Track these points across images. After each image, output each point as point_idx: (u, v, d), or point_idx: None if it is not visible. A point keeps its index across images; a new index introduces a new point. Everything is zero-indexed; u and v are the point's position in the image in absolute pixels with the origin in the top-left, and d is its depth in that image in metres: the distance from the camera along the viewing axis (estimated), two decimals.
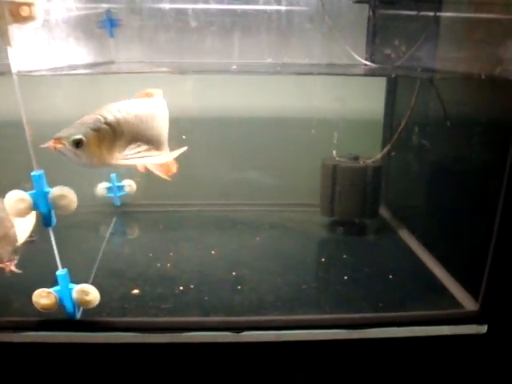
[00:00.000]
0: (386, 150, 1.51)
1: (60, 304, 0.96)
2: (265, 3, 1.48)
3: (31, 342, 0.98)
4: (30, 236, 1.37)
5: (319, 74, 1.35)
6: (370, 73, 1.44)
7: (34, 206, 0.90)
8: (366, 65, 1.47)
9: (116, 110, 0.92)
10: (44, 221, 0.91)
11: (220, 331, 1.01)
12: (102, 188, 1.59)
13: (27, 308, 0.96)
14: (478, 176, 1.16)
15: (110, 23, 1.49)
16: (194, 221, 1.60)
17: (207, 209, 1.68)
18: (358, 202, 1.48)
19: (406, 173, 1.56)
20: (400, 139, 1.51)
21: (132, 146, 0.94)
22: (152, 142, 0.98)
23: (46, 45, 1.09)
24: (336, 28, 1.47)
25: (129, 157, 0.93)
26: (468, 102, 1.22)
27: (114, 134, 0.91)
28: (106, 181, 1.60)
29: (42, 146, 0.84)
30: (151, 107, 1.01)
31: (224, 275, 1.22)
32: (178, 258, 1.31)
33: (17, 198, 0.89)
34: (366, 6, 1.60)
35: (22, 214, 0.89)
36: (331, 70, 1.47)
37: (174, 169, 1.07)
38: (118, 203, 1.62)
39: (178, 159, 1.05)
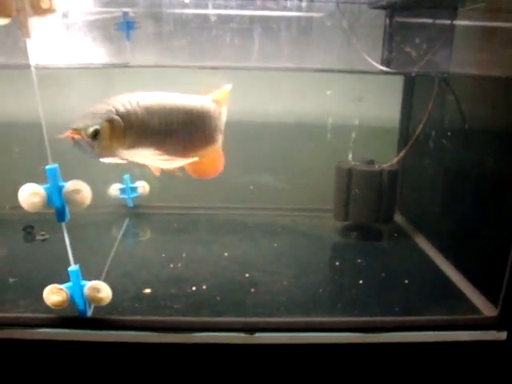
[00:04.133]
0: (402, 153, 1.49)
1: (71, 301, 0.95)
2: (283, 9, 1.48)
3: (41, 340, 0.97)
4: (43, 234, 1.38)
5: (336, 71, 1.33)
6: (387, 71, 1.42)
7: (48, 200, 0.89)
8: (381, 70, 1.46)
9: (126, 101, 0.89)
10: (57, 215, 0.91)
11: (233, 332, 0.99)
12: (115, 189, 1.59)
13: (38, 305, 0.96)
14: (495, 180, 1.14)
15: (126, 26, 1.50)
16: (207, 223, 1.59)
17: (220, 212, 1.67)
18: (373, 206, 1.45)
19: (422, 178, 1.54)
20: (416, 144, 1.49)
21: (143, 140, 0.91)
22: (169, 139, 0.95)
23: (64, 43, 1.09)
24: (353, 34, 1.46)
25: (136, 155, 0.91)
26: (485, 106, 1.21)
27: (123, 126, 0.88)
28: (120, 182, 1.59)
29: (59, 136, 0.83)
30: (177, 102, 0.96)
31: (237, 277, 1.20)
32: (191, 259, 1.29)
33: (31, 191, 0.88)
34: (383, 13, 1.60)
35: (36, 207, 0.89)
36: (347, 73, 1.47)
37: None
38: (131, 204, 1.61)
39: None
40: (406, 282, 1.20)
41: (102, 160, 0.91)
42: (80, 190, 0.90)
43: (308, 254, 1.37)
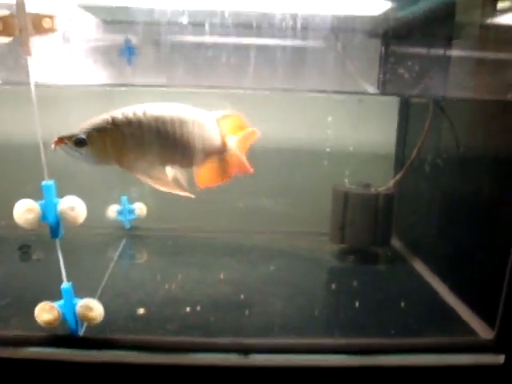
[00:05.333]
0: (398, 177, 1.50)
1: (63, 319, 0.94)
2: (280, 36, 1.51)
3: (31, 359, 0.95)
4: (37, 255, 1.38)
5: (332, 92, 1.35)
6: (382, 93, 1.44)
7: (43, 217, 0.89)
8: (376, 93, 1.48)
9: (130, 112, 0.91)
10: (51, 232, 0.91)
11: (227, 353, 0.98)
12: (112, 210, 1.59)
13: (29, 324, 0.95)
14: (491, 204, 1.14)
15: (128, 51, 1.53)
16: (204, 246, 1.58)
17: (217, 235, 1.66)
18: (369, 229, 1.45)
19: (418, 202, 1.54)
20: (412, 168, 1.50)
21: (147, 149, 0.92)
22: (178, 152, 0.95)
23: (65, 63, 1.11)
24: (349, 60, 1.49)
25: (138, 170, 0.92)
26: (480, 131, 1.22)
27: (122, 135, 0.90)
28: (117, 203, 1.59)
29: (51, 146, 0.85)
30: (185, 113, 0.95)
31: (232, 298, 1.19)
32: (186, 281, 1.28)
33: (26, 207, 0.89)
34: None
35: (31, 224, 0.89)
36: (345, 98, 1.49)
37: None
38: (128, 226, 1.61)
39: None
40: (403, 304, 1.19)
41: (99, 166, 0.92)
42: (75, 206, 0.90)
43: (304, 276, 1.36)
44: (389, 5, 1.32)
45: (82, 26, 1.30)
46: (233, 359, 0.97)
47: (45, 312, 0.93)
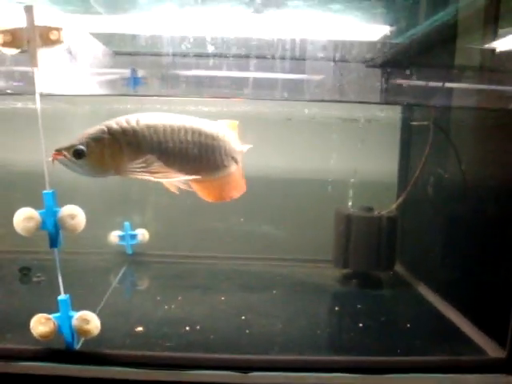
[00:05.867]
0: (400, 199, 1.49)
1: (59, 332, 0.92)
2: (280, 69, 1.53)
3: (25, 374, 0.92)
4: (38, 276, 1.36)
5: (331, 101, 1.35)
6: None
7: (42, 225, 0.89)
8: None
9: (124, 121, 0.90)
10: (50, 241, 0.90)
11: (226, 370, 0.94)
12: (115, 236, 1.58)
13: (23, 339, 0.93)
14: (495, 224, 1.13)
15: (134, 81, 1.57)
16: (206, 271, 1.56)
17: (220, 262, 1.64)
18: (373, 252, 1.43)
19: (421, 225, 1.53)
20: (415, 192, 1.49)
21: (143, 158, 0.90)
22: (174, 158, 0.93)
23: (71, 78, 1.13)
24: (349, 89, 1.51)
25: (136, 170, 0.91)
26: (483, 153, 1.23)
27: (119, 144, 0.89)
28: (120, 229, 1.59)
29: (48, 159, 0.85)
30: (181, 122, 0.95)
31: (233, 319, 1.17)
32: (187, 302, 1.26)
33: (26, 215, 0.89)
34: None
35: (30, 231, 0.89)
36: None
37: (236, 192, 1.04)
38: (130, 252, 1.60)
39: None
40: (409, 325, 1.16)
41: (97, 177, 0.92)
42: (75, 215, 0.90)
43: (306, 299, 1.33)
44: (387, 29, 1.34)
45: (91, 52, 1.33)
46: (232, 376, 0.94)
47: (40, 324, 0.91)
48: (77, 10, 1.17)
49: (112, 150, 0.89)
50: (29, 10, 0.84)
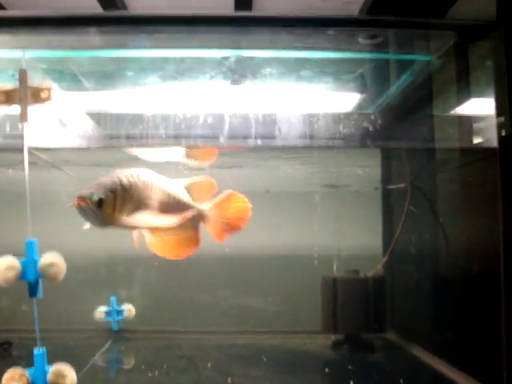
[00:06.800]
0: (385, 258, 1.50)
1: None
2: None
3: None
4: (18, 352, 1.32)
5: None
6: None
7: (22, 274, 0.89)
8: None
9: (129, 175, 0.97)
10: (30, 290, 0.90)
11: None
12: (100, 311, 1.55)
13: None
14: (480, 279, 1.14)
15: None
16: (193, 344, 1.51)
17: (209, 336, 1.59)
18: (362, 315, 1.41)
19: (406, 287, 1.52)
20: (400, 253, 1.51)
21: (139, 210, 0.97)
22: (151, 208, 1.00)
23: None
24: None
25: (135, 219, 0.96)
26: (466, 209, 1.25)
27: (125, 197, 0.95)
28: (106, 303, 1.56)
29: (68, 205, 0.88)
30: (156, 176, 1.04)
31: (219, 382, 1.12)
32: (172, 369, 1.22)
33: (6, 265, 0.89)
34: None
35: (10, 281, 0.89)
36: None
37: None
38: (116, 328, 1.56)
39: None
40: (402, 381, 1.11)
41: (103, 228, 0.95)
42: (55, 263, 0.90)
43: (296, 363, 1.29)
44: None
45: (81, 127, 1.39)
46: None
47: (13, 380, 0.87)
48: (69, 86, 1.26)
49: (121, 201, 0.94)
50: (23, 73, 0.93)
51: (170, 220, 1.00)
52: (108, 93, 1.38)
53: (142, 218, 0.97)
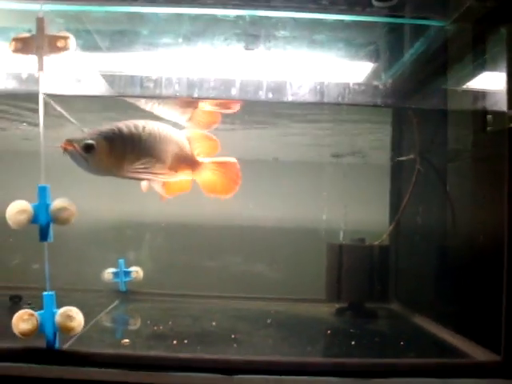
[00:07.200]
0: (391, 227, 1.50)
1: (40, 331, 0.90)
2: None
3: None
4: (29, 303, 1.34)
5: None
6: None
7: (34, 218, 0.91)
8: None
9: (133, 126, 0.98)
10: (41, 234, 0.92)
11: (211, 373, 0.91)
12: (109, 272, 1.58)
13: None
14: (484, 245, 1.14)
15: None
16: (198, 307, 1.53)
17: (214, 300, 1.62)
18: (365, 283, 1.42)
19: (411, 256, 1.52)
20: (407, 224, 1.51)
21: (142, 161, 0.98)
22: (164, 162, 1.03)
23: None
24: None
25: (137, 170, 0.97)
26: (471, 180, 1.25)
27: (125, 147, 0.96)
28: (114, 266, 1.59)
29: (55, 146, 0.90)
30: (173, 132, 1.07)
31: (223, 337, 1.14)
32: (176, 324, 1.24)
33: (18, 208, 0.91)
34: None
35: (21, 224, 0.91)
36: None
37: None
38: (124, 289, 1.58)
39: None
40: (402, 343, 1.12)
41: (97, 175, 0.96)
42: (66, 208, 0.92)
43: (299, 326, 1.30)
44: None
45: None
46: (217, 379, 0.90)
47: (23, 321, 0.89)
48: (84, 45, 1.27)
49: (118, 150, 0.95)
50: (40, 21, 0.94)
51: (169, 174, 1.02)
52: (122, 54, 1.38)
53: (143, 170, 0.98)
